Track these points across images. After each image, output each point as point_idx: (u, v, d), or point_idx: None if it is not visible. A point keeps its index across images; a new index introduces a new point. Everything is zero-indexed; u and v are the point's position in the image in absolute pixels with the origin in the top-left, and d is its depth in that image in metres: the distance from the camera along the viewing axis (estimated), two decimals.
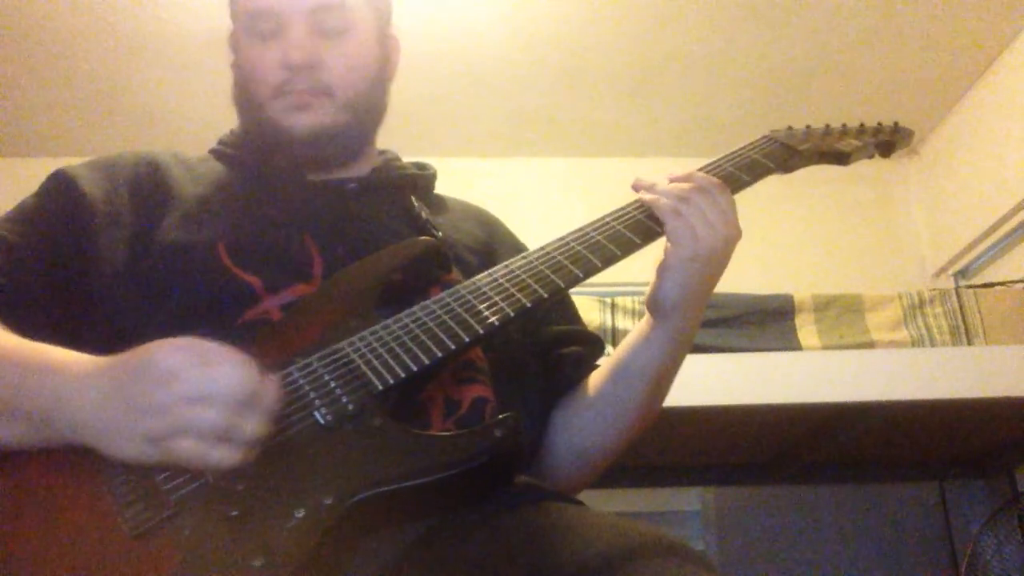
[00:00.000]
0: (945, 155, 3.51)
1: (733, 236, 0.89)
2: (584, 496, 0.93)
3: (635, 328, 0.96)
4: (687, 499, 2.95)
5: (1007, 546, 2.47)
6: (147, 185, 0.96)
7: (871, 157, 1.10)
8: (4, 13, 2.80)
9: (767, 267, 3.20)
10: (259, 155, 1.00)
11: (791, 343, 1.96)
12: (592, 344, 1.08)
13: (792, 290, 2.06)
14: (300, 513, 0.68)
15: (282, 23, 0.95)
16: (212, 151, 1.05)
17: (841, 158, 1.06)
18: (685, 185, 0.90)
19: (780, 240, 3.50)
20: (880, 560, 2.80)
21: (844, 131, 1.10)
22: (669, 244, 0.88)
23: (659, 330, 0.92)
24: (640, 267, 0.93)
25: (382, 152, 1.10)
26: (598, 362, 1.06)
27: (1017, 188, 2.99)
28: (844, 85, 3.31)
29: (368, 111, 1.01)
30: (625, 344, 0.96)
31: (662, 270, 0.89)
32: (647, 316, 0.94)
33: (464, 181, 1.18)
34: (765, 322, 1.99)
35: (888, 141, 1.10)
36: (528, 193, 3.61)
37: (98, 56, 3.02)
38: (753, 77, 3.26)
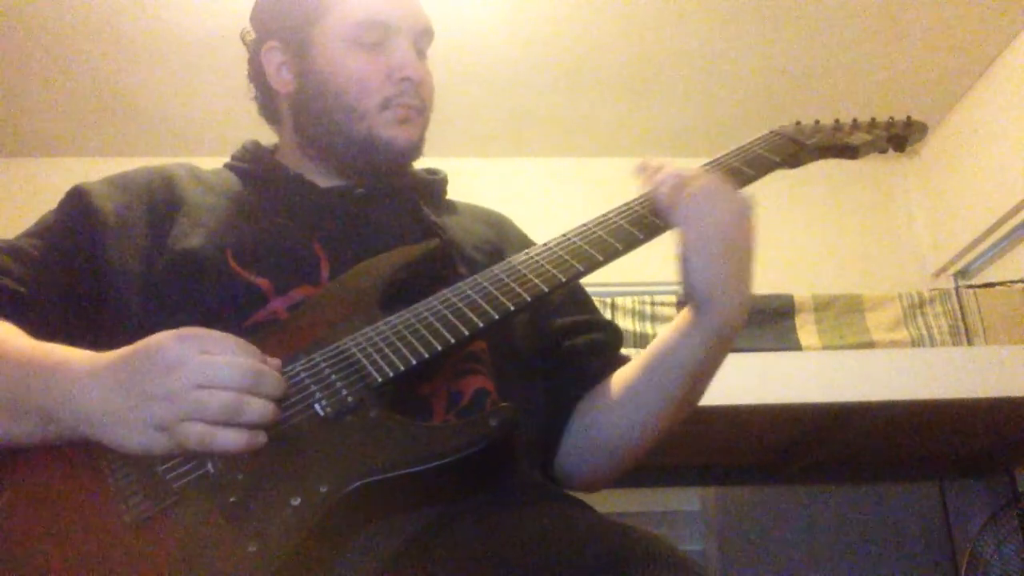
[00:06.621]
0: (945, 155, 3.51)
1: (739, 208, 0.85)
2: (584, 495, 0.92)
3: (674, 320, 0.92)
4: (687, 499, 2.95)
5: (1007, 546, 2.47)
6: (160, 197, 0.99)
7: (883, 152, 1.08)
8: (4, 13, 2.80)
9: (767, 267, 3.17)
10: (345, 159, 1.02)
11: (791, 343, 1.96)
12: (607, 330, 1.06)
13: (792, 290, 2.06)
14: (296, 501, 0.69)
15: (389, 36, 1.01)
16: (226, 165, 1.09)
17: (851, 152, 1.04)
18: (684, 175, 0.88)
19: (780, 240, 3.49)
20: (880, 560, 2.80)
21: (855, 126, 1.08)
22: (678, 232, 0.86)
23: (697, 322, 0.87)
24: (640, 267, 0.93)
25: None
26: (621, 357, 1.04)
27: (1017, 188, 2.99)
28: (844, 85, 3.31)
29: None
30: (663, 336, 0.92)
31: (681, 260, 0.85)
32: (687, 307, 0.89)
33: (464, 181, 1.19)
34: (765, 322, 1.98)
35: (900, 135, 1.07)
36: (529, 193, 3.61)
37: (98, 56, 3.02)
38: (753, 77, 3.26)
